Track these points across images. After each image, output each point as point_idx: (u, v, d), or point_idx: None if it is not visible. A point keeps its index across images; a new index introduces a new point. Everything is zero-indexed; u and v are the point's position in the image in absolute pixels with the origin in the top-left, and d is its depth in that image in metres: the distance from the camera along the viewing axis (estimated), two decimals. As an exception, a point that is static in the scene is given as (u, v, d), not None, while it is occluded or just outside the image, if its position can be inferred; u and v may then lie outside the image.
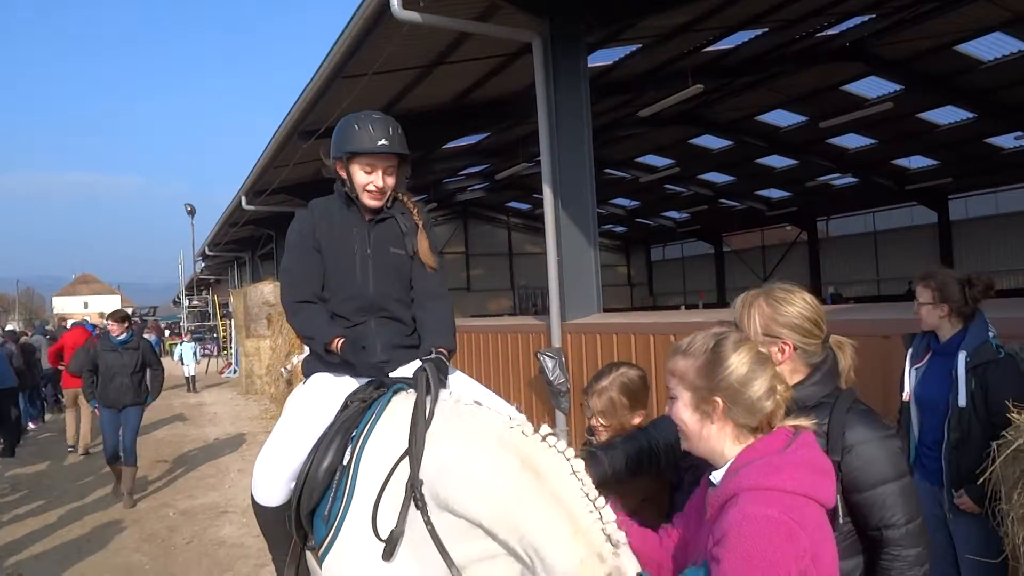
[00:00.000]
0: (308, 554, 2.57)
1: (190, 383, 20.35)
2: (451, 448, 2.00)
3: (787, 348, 1.94)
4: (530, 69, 8.62)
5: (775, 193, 30.30)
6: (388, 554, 2.08)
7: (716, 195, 29.95)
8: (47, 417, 15.37)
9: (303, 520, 2.45)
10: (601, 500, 1.73)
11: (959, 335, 3.24)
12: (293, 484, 2.51)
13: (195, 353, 21.31)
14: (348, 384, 2.66)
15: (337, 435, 2.46)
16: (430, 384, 2.20)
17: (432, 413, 2.14)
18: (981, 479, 2.52)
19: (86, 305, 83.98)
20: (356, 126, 2.67)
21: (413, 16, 7.65)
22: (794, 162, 24.75)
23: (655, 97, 15.55)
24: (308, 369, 2.82)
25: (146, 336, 14.17)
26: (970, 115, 19.65)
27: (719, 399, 1.68)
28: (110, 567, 6.10)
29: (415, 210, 2.83)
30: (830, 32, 14.66)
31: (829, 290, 27.90)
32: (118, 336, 8.19)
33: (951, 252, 27.07)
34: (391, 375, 2.58)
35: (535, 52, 8.39)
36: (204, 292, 49.19)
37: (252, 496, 2.66)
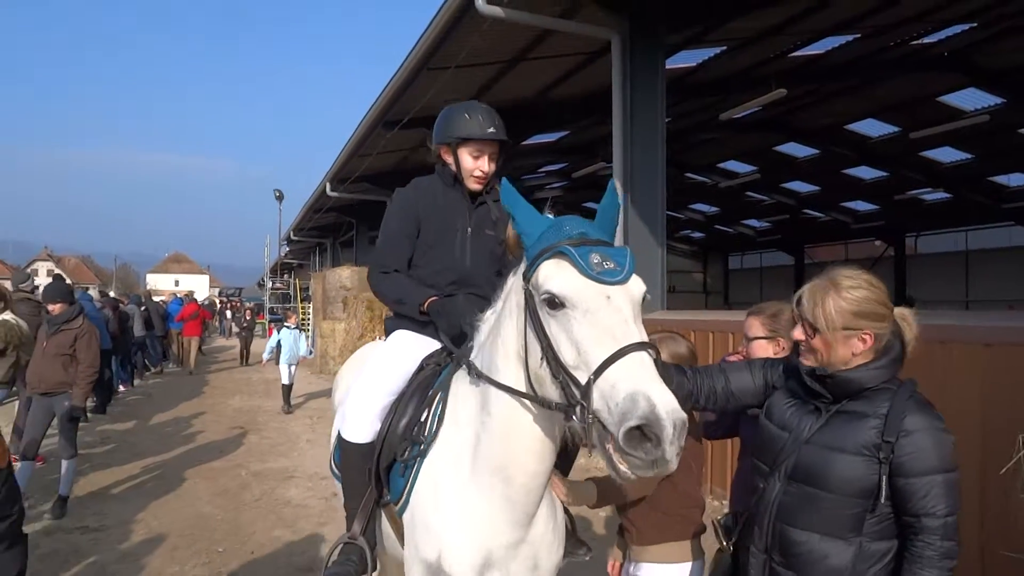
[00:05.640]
0: (383, 513, 2.72)
1: (285, 397, 12.98)
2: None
3: (868, 338, 2.04)
4: (610, 68, 8.74)
5: (862, 206, 29.37)
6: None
7: (799, 205, 29.24)
8: (136, 382, 16.29)
9: (381, 474, 2.64)
10: None
11: None
12: (379, 425, 2.70)
13: (299, 344, 13.53)
14: (426, 343, 2.84)
15: (415, 394, 2.66)
16: None
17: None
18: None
19: (176, 283, 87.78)
20: (467, 115, 2.85)
21: (496, 11, 7.89)
22: (884, 174, 23.97)
23: (738, 100, 15.37)
24: (390, 327, 3.00)
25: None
26: (1076, 132, 18.68)
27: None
28: (184, 515, 6.55)
29: None
30: (927, 40, 14.18)
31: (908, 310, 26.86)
32: None
33: (1050, 275, 25.71)
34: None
35: (613, 50, 8.51)
36: (286, 275, 50.93)
37: (340, 435, 2.80)
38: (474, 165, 2.87)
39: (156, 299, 22.52)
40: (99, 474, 7.99)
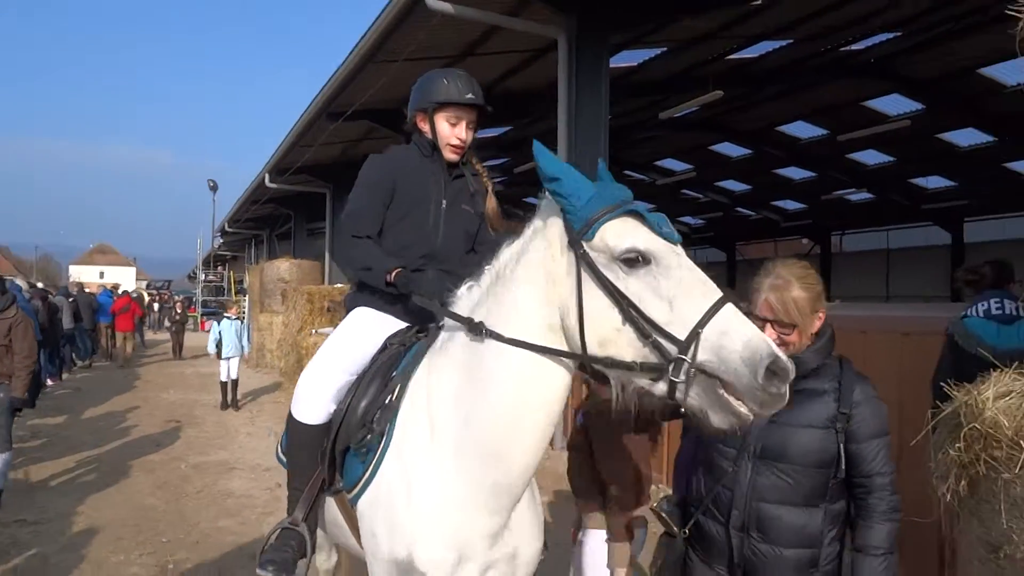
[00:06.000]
0: (332, 501, 2.57)
1: (227, 393, 12.34)
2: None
3: (823, 316, 2.29)
4: (554, 66, 8.91)
5: (791, 204, 30.39)
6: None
7: (732, 203, 30.08)
8: (64, 376, 15.79)
9: (336, 458, 2.47)
10: None
11: None
12: (333, 407, 2.54)
13: (241, 336, 12.83)
14: (390, 322, 2.70)
15: (377, 375, 2.50)
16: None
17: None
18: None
19: (102, 275, 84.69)
20: (445, 80, 2.73)
21: (446, 7, 7.98)
22: (812, 174, 24.86)
23: (676, 100, 15.78)
24: (351, 303, 2.85)
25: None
26: (991, 139, 19.73)
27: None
28: (125, 507, 6.48)
29: (484, 172, 2.90)
30: (855, 47, 14.83)
31: (835, 303, 27.99)
32: None
33: (964, 275, 27.06)
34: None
35: (560, 48, 8.68)
36: (220, 267, 49.81)
37: (291, 414, 2.65)
38: (451, 132, 2.74)
39: (88, 291, 21.73)
40: (34, 468, 7.80)
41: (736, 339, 1.72)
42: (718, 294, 1.80)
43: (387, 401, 2.37)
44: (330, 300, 14.42)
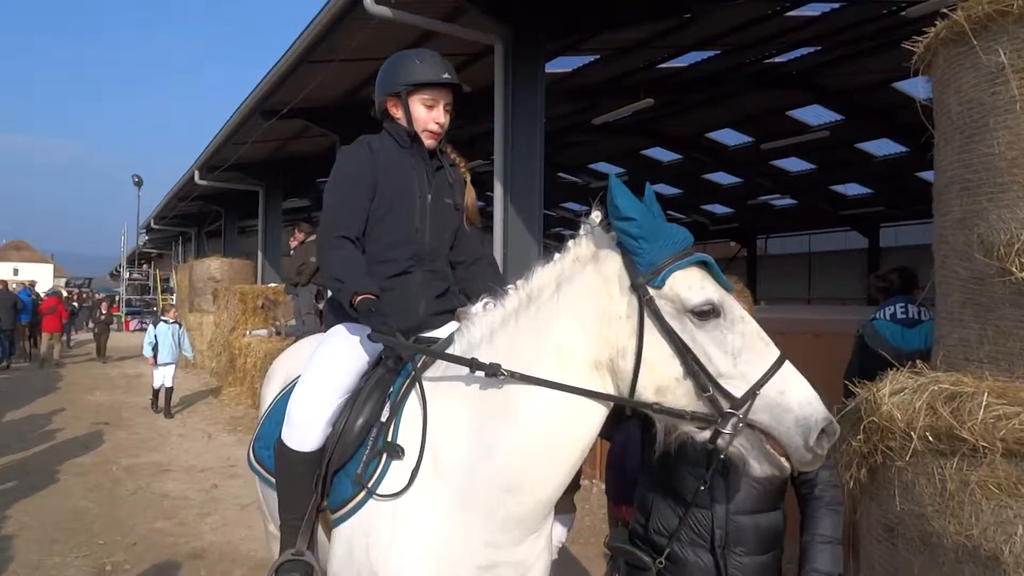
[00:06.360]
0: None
1: (158, 400, 11.71)
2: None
3: None
4: (490, 70, 9.08)
5: (719, 209, 31.36)
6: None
7: (663, 206, 30.47)
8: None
9: (328, 479, 2.29)
10: None
11: None
12: (329, 430, 2.33)
13: (182, 341, 12.08)
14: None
15: (373, 392, 2.32)
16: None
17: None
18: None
19: (16, 272, 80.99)
20: (417, 60, 2.54)
21: (384, 11, 8.05)
22: (739, 180, 25.73)
23: (609, 107, 16.16)
24: (331, 318, 2.61)
25: None
26: (904, 149, 20.80)
27: None
28: (58, 510, 6.38)
29: (461, 161, 2.72)
30: (778, 60, 15.46)
31: (761, 303, 29.07)
32: None
33: (879, 278, 28.48)
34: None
35: (496, 54, 8.86)
36: (145, 265, 48.27)
37: (283, 444, 2.37)
38: (428, 116, 2.54)
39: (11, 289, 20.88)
40: (-45, 472, 7.57)
41: (792, 400, 1.78)
42: (777, 352, 1.85)
43: (383, 419, 2.23)
44: (264, 298, 14.26)
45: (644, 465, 2.52)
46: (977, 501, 2.54)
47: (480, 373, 2.01)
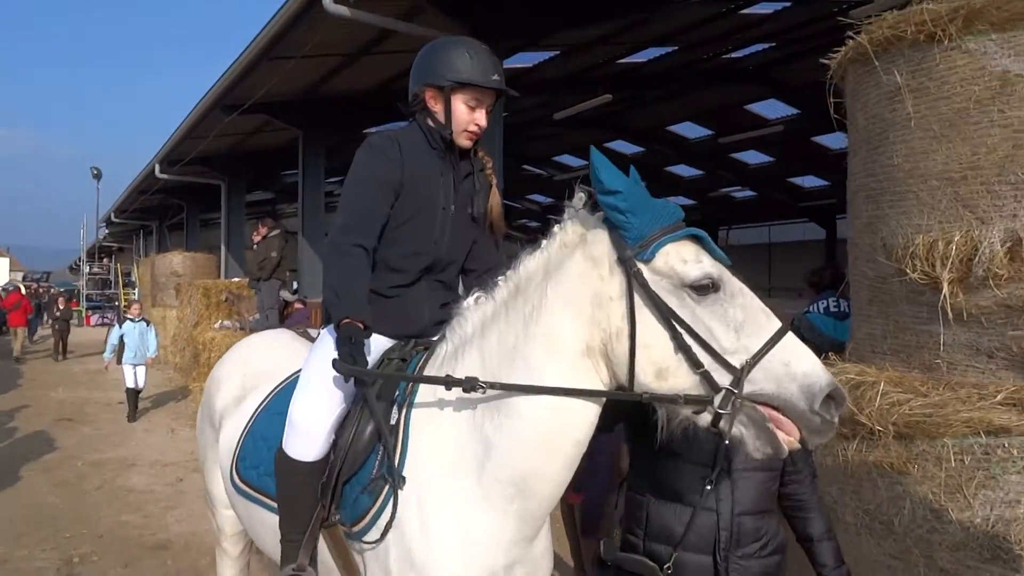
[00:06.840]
0: (322, 534, 2.26)
1: (130, 402, 10.94)
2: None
3: None
4: (452, 66, 9.26)
5: (682, 200, 31.77)
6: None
7: (627, 199, 31.21)
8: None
9: (337, 490, 2.19)
10: None
11: None
12: (333, 437, 2.23)
13: (148, 339, 11.32)
14: (378, 340, 2.33)
15: (380, 396, 2.20)
16: None
17: None
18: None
19: (-30, 266, 79.05)
20: (467, 53, 2.34)
21: (342, 10, 8.19)
22: (700, 173, 26.19)
23: (570, 101, 16.39)
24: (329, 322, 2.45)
25: None
26: (857, 142, 21.35)
27: None
28: (23, 505, 6.47)
29: (490, 166, 2.55)
30: (735, 55, 15.82)
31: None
32: None
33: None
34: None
35: (456, 52, 9.03)
36: (106, 259, 47.58)
37: (284, 454, 2.26)
38: (470, 118, 2.36)
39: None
40: (-84, 470, 7.59)
41: (798, 367, 1.72)
42: (778, 323, 1.79)
43: (392, 421, 2.14)
44: (228, 292, 14.28)
45: (633, 469, 2.42)
46: (874, 479, 2.84)
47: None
